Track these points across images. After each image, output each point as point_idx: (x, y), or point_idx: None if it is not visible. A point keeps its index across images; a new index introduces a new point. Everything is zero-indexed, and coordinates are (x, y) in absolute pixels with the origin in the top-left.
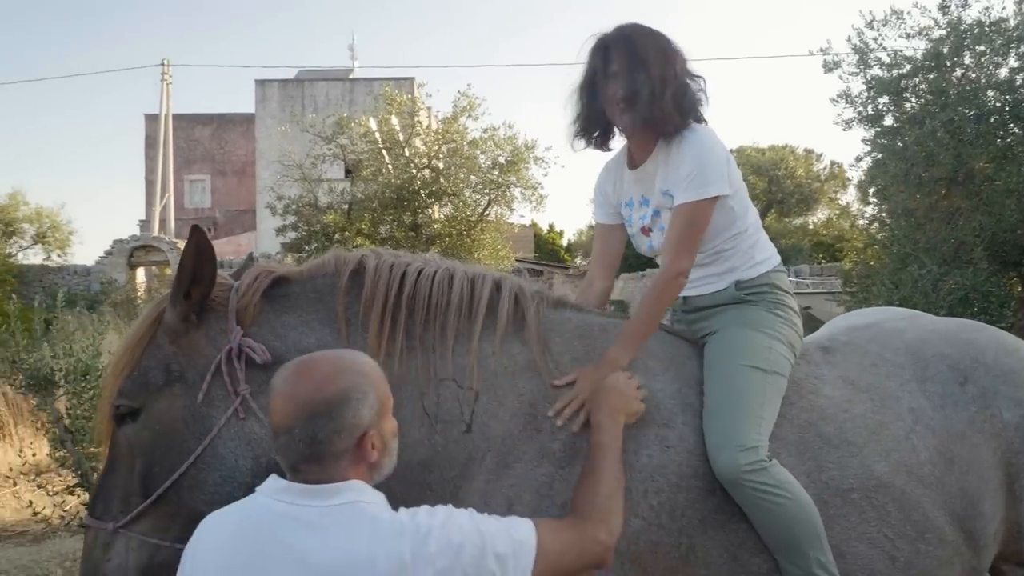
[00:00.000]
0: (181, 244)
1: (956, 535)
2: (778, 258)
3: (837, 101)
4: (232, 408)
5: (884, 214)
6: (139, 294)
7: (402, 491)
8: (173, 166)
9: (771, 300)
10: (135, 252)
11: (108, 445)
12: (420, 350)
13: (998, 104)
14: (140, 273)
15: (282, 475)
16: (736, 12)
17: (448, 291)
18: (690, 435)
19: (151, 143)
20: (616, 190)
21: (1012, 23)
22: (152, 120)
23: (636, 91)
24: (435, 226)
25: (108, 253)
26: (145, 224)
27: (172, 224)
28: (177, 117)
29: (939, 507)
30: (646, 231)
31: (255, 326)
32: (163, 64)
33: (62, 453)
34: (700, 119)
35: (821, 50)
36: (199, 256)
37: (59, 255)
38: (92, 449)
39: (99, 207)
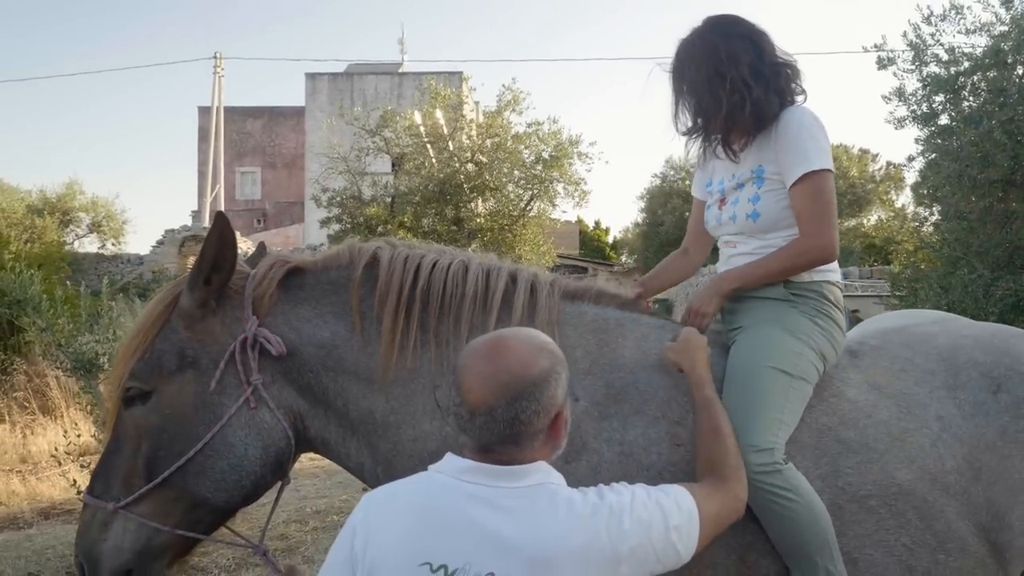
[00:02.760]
0: None
1: (980, 546)
2: (838, 273)
3: (890, 99)
4: (244, 397)
5: (936, 216)
6: None
7: None
8: (224, 158)
9: (815, 307)
10: (186, 242)
11: (112, 425)
12: (434, 343)
13: None
14: (191, 262)
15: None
16: (791, 7)
17: (463, 283)
18: None
19: (203, 135)
20: (711, 167)
21: None
22: (205, 113)
23: (702, 117)
24: (477, 220)
25: (160, 242)
26: (197, 215)
27: None
28: (229, 110)
29: (964, 517)
30: (722, 203)
31: (270, 316)
32: (215, 57)
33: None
34: (792, 100)
35: (875, 46)
36: (221, 243)
37: (113, 244)
38: None
39: (153, 197)
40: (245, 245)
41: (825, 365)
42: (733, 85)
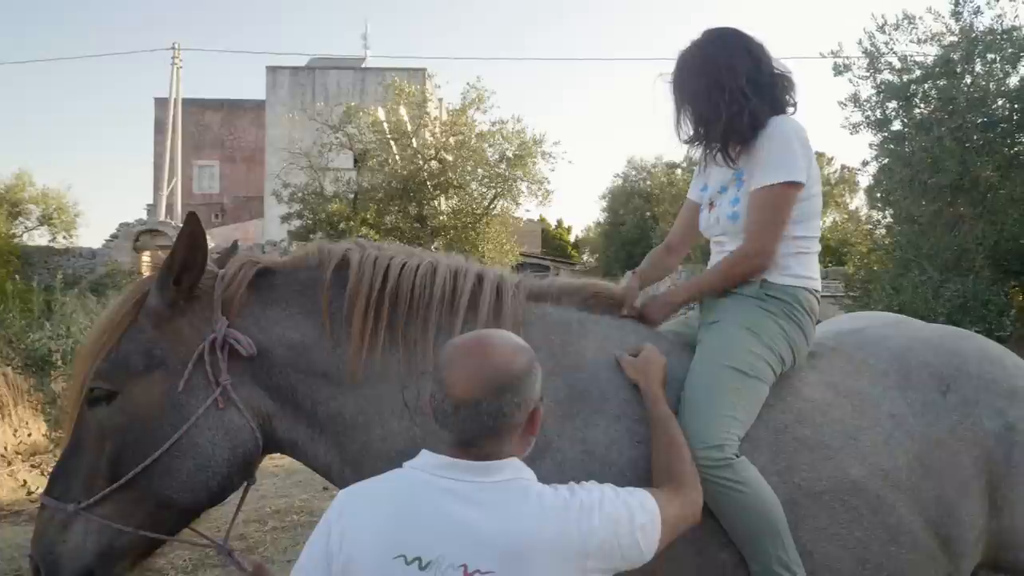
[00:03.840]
0: None
1: (931, 540)
2: (818, 283)
3: (845, 104)
4: (212, 397)
5: (889, 219)
6: (143, 277)
7: None
8: (182, 151)
9: (785, 311)
10: (141, 236)
11: (73, 426)
12: (403, 344)
13: (1006, 112)
14: (145, 257)
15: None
16: (748, 13)
17: (431, 285)
18: None
19: (160, 127)
20: (703, 175)
21: (1023, 32)
22: (162, 104)
23: (702, 126)
24: (440, 218)
25: (114, 236)
26: (152, 208)
27: (179, 209)
28: (187, 102)
29: (915, 512)
30: (710, 207)
31: (239, 317)
32: (173, 48)
33: (58, 434)
34: (783, 110)
35: (832, 53)
36: (192, 243)
37: (65, 237)
38: None
39: (106, 190)
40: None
41: (783, 368)
42: (732, 96)
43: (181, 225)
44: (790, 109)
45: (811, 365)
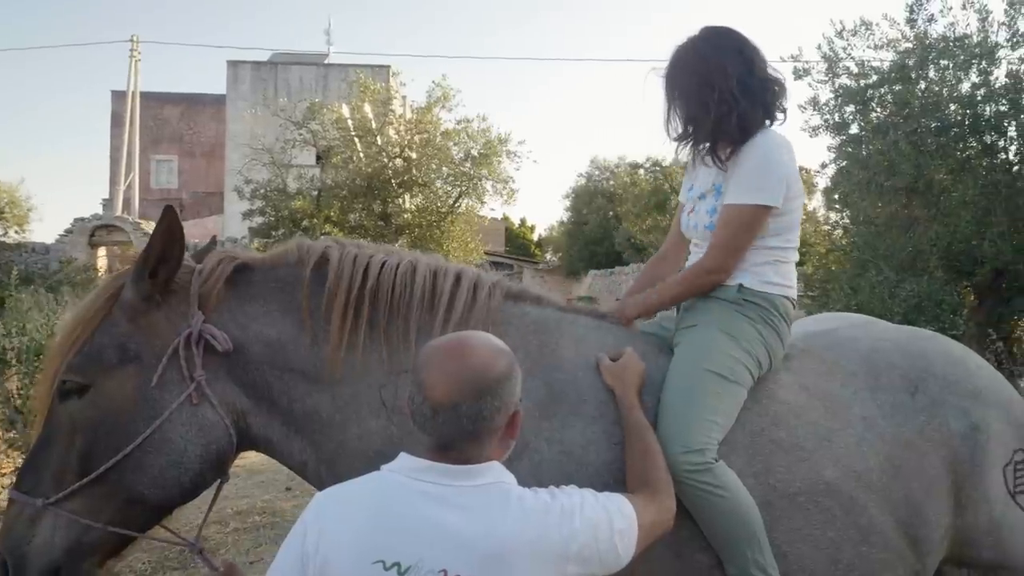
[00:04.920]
0: (145, 225)
1: (901, 540)
2: (795, 293)
3: (805, 108)
4: (186, 393)
5: (846, 220)
6: (100, 274)
7: None
8: (140, 145)
9: (762, 316)
10: (97, 231)
11: (44, 419)
12: (383, 341)
13: (958, 118)
14: (101, 253)
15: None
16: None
17: (411, 284)
18: None
19: (117, 121)
20: (689, 177)
21: (974, 40)
22: (119, 97)
23: (691, 124)
24: (405, 216)
25: (68, 231)
26: (108, 203)
27: (137, 204)
28: (145, 95)
29: (885, 512)
30: (691, 211)
31: (216, 312)
32: (132, 40)
33: (12, 434)
34: (774, 118)
35: (792, 57)
36: (170, 236)
37: (17, 232)
38: None
39: (61, 184)
40: None
41: (760, 371)
42: (721, 96)
43: (138, 220)
44: (780, 116)
45: (785, 367)
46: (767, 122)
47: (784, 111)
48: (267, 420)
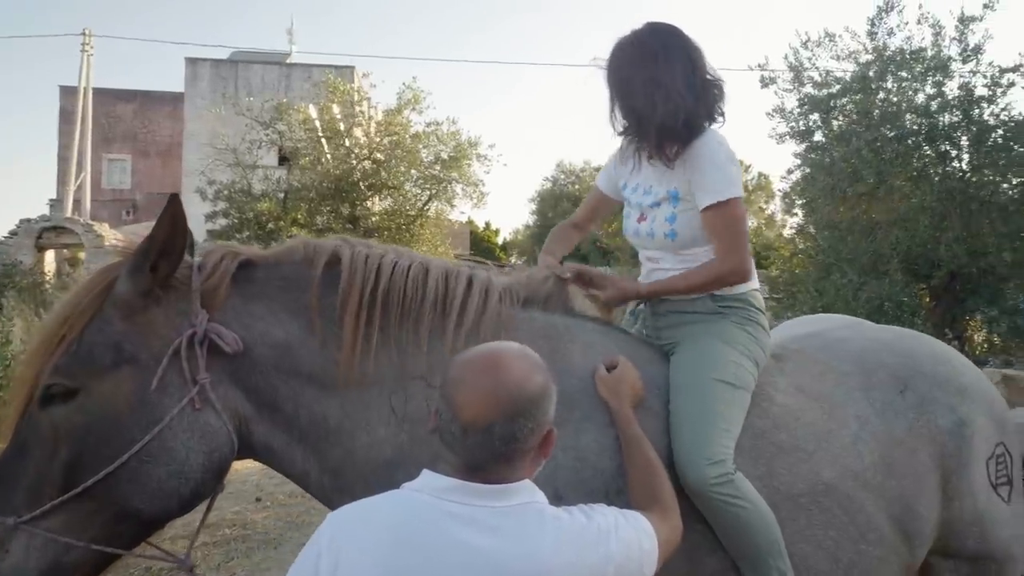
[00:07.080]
0: (97, 227)
1: (895, 536)
2: (757, 281)
3: (772, 115)
4: (188, 397)
5: (811, 225)
6: (47, 278)
7: (366, 493)
8: (91, 143)
9: (744, 316)
10: (44, 233)
11: (16, 428)
12: (394, 347)
13: (915, 127)
14: (49, 256)
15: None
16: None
17: (423, 286)
18: (651, 438)
19: (67, 117)
20: (626, 171)
21: (929, 53)
22: (69, 93)
23: (636, 118)
24: (373, 219)
25: (13, 233)
26: (56, 204)
27: (88, 205)
28: (97, 91)
29: (881, 509)
30: (641, 218)
31: (219, 311)
32: (84, 34)
33: None
34: (715, 120)
35: (759, 66)
36: (174, 227)
37: None
38: None
39: (5, 184)
40: (114, 237)
41: (759, 370)
42: (667, 93)
43: (90, 222)
44: (720, 119)
45: (780, 369)
46: (707, 124)
47: (723, 114)
48: (270, 427)
